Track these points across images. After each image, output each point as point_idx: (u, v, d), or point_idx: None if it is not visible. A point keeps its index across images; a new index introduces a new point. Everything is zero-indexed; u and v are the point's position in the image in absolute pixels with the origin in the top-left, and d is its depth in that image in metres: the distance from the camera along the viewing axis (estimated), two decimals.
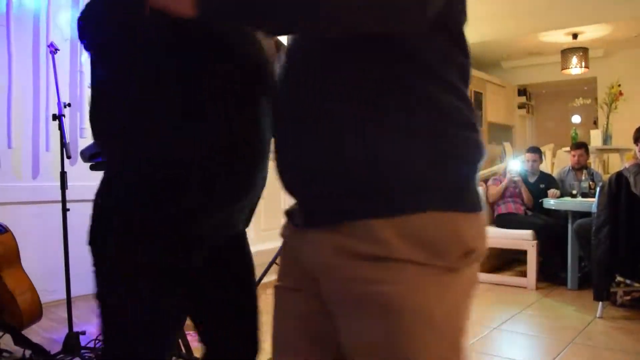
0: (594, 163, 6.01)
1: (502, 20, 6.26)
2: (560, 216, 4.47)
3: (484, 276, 4.64)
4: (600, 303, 3.49)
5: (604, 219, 3.42)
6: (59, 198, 2.39)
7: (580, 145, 5.06)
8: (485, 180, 5.09)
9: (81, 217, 4.06)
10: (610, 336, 3.18)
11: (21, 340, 2.50)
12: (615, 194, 3.40)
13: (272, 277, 4.81)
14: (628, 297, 3.70)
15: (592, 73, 8.11)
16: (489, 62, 9.50)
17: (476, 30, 6.71)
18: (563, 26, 7.01)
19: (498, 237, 4.64)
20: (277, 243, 4.72)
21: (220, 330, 1.23)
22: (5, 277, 2.40)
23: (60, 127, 2.38)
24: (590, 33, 7.34)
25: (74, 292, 2.53)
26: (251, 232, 5.23)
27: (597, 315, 3.48)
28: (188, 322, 2.57)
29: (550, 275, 4.49)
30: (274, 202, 4.90)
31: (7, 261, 2.43)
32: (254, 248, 4.81)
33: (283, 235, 1.06)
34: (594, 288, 3.48)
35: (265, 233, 4.71)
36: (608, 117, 6.43)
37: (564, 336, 3.12)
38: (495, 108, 9.49)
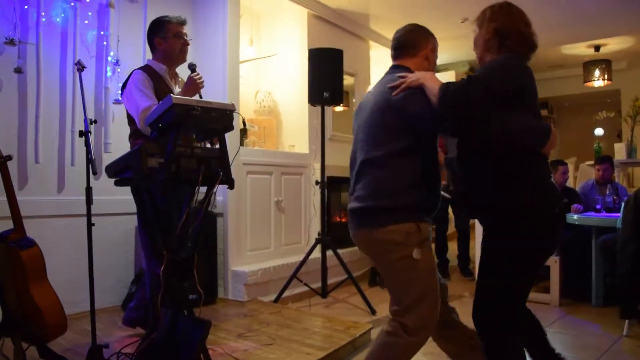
0: (618, 177, 5.92)
1: None
2: (584, 231, 4.39)
3: None
4: (627, 321, 3.41)
5: (630, 234, 3.35)
6: (84, 212, 2.43)
7: (606, 160, 4.98)
8: None
9: (105, 230, 4.10)
10: (638, 356, 3.10)
11: (46, 353, 2.54)
12: None
13: (294, 290, 4.82)
14: None
15: (616, 85, 8.01)
16: None
17: None
18: (585, 39, 6.94)
19: None
20: (297, 257, 4.78)
21: None
22: (32, 290, 2.44)
23: (87, 144, 2.42)
24: (613, 45, 7.27)
25: (97, 305, 2.56)
26: (272, 246, 5.26)
27: (624, 334, 3.41)
28: (210, 336, 2.57)
29: (575, 291, 4.41)
30: (294, 219, 4.92)
31: (34, 274, 2.48)
32: (274, 262, 4.87)
33: None
34: (620, 305, 3.41)
35: (285, 247, 4.72)
36: (632, 130, 6.32)
37: (588, 355, 3.05)
38: None
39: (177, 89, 2.92)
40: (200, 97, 2.74)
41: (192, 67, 2.86)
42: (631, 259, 3.30)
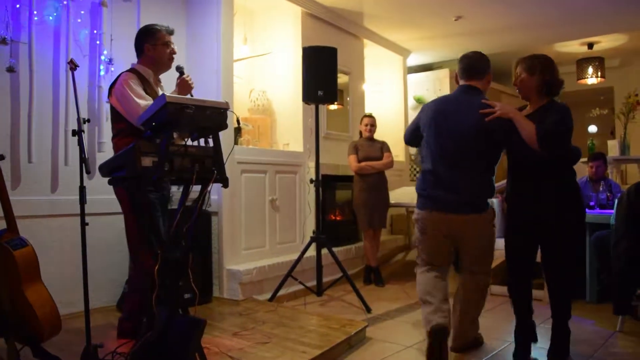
0: (611, 174, 5.94)
1: (516, 31, 6.25)
2: None
3: (499, 289, 4.59)
4: (621, 317, 3.44)
5: (623, 231, 3.37)
6: (77, 211, 2.42)
7: (599, 157, 4.99)
8: (502, 192, 5.05)
9: (99, 230, 4.08)
10: (632, 351, 3.12)
11: (40, 353, 2.53)
12: (634, 205, 3.35)
13: (289, 289, 4.80)
14: None
15: (609, 83, 8.05)
16: (503, 73, 9.46)
17: (491, 42, 6.71)
18: (578, 36, 6.97)
19: None
20: (292, 256, 4.78)
21: None
22: (26, 291, 2.43)
23: (80, 143, 2.41)
24: (606, 43, 7.30)
25: (91, 305, 2.55)
26: (266, 245, 5.25)
27: (618, 329, 3.43)
28: (205, 335, 2.57)
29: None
30: (289, 218, 4.91)
31: (28, 275, 2.47)
32: (269, 261, 4.87)
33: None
34: (613, 301, 3.43)
35: (280, 246, 4.72)
36: (625, 127, 6.36)
37: (583, 351, 3.07)
38: None
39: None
40: (192, 97, 2.80)
41: (180, 70, 2.97)
42: (624, 255, 3.32)
